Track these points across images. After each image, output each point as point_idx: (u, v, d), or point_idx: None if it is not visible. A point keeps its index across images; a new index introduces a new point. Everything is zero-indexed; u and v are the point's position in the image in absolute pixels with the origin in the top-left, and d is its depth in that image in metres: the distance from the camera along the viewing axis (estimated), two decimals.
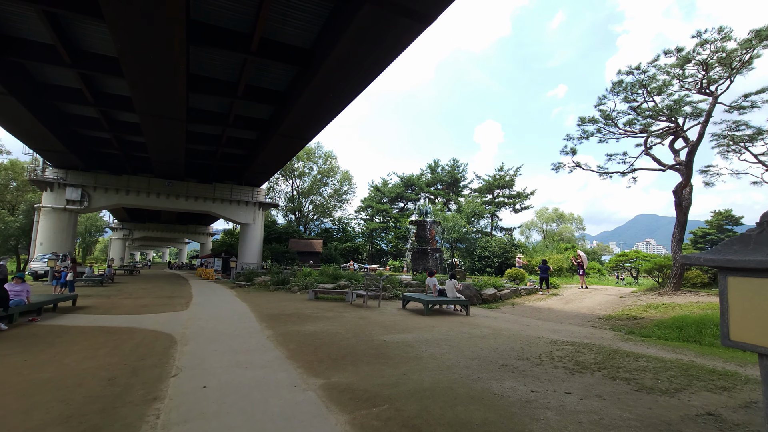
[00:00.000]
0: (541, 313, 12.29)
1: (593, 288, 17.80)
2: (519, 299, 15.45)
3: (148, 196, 33.70)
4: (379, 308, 11.99)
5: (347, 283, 16.00)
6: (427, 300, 10.75)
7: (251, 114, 24.56)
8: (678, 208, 14.76)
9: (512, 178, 41.22)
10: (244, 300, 14.04)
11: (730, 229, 52.39)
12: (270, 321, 9.23)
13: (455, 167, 45.21)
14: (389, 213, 42.64)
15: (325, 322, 9.05)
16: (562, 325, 9.90)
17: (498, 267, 26.46)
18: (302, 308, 11.64)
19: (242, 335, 7.46)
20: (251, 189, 37.58)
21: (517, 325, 9.40)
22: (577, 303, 14.11)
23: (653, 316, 10.63)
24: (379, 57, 14.63)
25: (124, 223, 67.88)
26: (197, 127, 26.34)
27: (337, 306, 12.38)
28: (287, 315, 10.18)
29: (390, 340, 7.06)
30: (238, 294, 16.51)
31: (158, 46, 13.63)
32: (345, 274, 18.08)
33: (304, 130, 22.95)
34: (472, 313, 11.36)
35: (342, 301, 13.81)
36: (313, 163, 46.81)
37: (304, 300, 14.00)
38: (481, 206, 34.33)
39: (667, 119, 15.40)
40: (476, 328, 8.72)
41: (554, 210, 78.58)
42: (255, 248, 36.67)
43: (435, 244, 23.48)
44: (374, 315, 10.47)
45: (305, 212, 48.22)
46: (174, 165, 30.86)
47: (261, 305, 12.44)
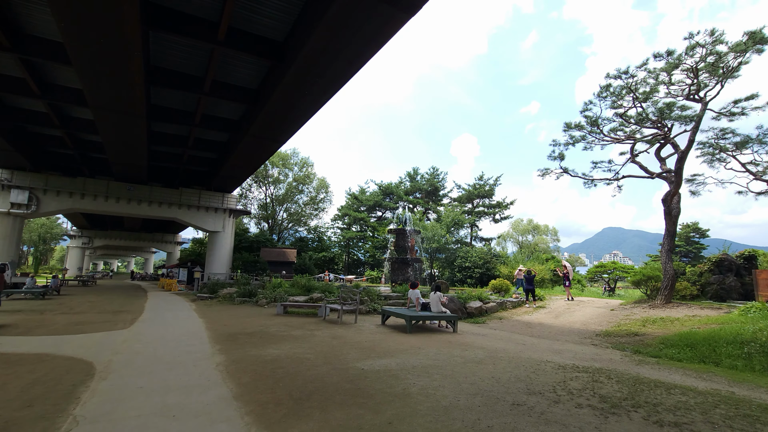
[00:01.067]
0: (533, 329, 11.28)
1: (579, 300, 17.06)
2: (506, 313, 14.44)
3: (106, 201, 31.15)
4: (355, 324, 10.66)
5: (320, 296, 14.58)
6: (411, 315, 9.53)
7: (220, 113, 22.95)
8: (667, 217, 14.25)
9: (492, 188, 40.88)
10: (203, 315, 12.40)
11: (697, 241, 53.95)
12: (226, 342, 7.75)
13: (435, 175, 44.50)
14: (367, 222, 41.29)
15: (291, 344, 7.65)
16: (560, 344, 8.87)
17: (479, 278, 25.60)
18: (267, 325, 10.17)
19: (185, 363, 6.00)
20: (221, 195, 35.56)
21: (512, 345, 8.29)
22: (567, 317, 13.23)
23: (654, 332, 9.78)
24: (359, 50, 13.55)
25: (84, 230, 63.57)
26: (161, 126, 24.46)
27: (309, 322, 10.97)
28: (248, 334, 8.71)
29: (369, 368, 5.77)
30: (198, 308, 14.78)
31: (107, 28, 12.07)
32: (318, 285, 16.65)
33: (277, 131, 21.55)
34: (459, 329, 10.21)
35: (314, 316, 12.39)
36: (289, 169, 45.07)
37: (271, 315, 12.49)
38: (461, 215, 33.64)
39: (654, 126, 14.99)
40: (468, 349, 7.54)
41: (529, 221, 79.51)
42: (224, 258, 34.52)
43: (415, 254, 22.36)
44: (350, 333, 9.14)
45: (279, 220, 46.20)
46: (136, 167, 28.66)
47: (220, 322, 10.87)
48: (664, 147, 15.40)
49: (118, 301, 17.37)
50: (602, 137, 16.29)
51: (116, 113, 18.53)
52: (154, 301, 18.31)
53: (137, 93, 16.59)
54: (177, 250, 67.60)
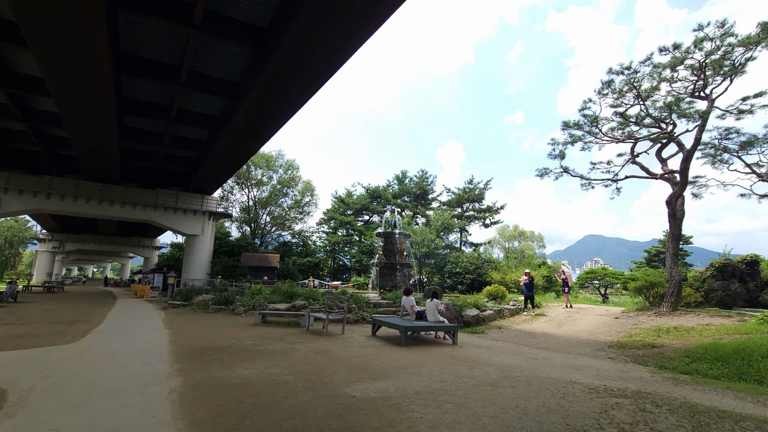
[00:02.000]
0: (538, 340, 10.30)
1: (578, 307, 16.24)
2: (504, 321, 13.47)
3: (75, 201, 29.16)
4: (342, 336, 9.49)
5: (304, 304, 13.34)
6: (406, 326, 8.42)
7: (199, 108, 21.57)
8: (672, 220, 13.56)
9: (482, 192, 40.18)
10: (170, 326, 11.02)
11: (681, 248, 54.47)
12: (188, 360, 6.50)
13: (424, 178, 43.51)
14: (353, 226, 39.95)
15: (268, 361, 6.45)
16: (573, 357, 7.89)
17: (470, 284, 24.65)
18: (242, 337, 8.91)
19: (130, 390, 4.75)
20: (201, 197, 33.87)
21: (523, 360, 7.26)
22: (570, 326, 12.32)
23: (672, 344, 8.91)
24: (346, 36, 12.53)
25: (54, 233, 60.39)
26: (135, 121, 22.92)
27: (290, 333, 9.74)
28: (217, 349, 7.45)
29: (362, 395, 4.64)
30: (167, 317, 13.34)
31: (65, 2, 10.74)
32: (302, 292, 15.39)
33: (260, 127, 20.29)
34: (459, 340, 9.13)
35: (296, 326, 11.16)
36: (273, 171, 43.47)
37: (248, 325, 11.20)
38: (450, 219, 32.78)
39: (656, 125, 14.37)
40: (476, 366, 6.47)
41: (515, 228, 79.45)
42: (202, 263, 32.77)
43: (404, 258, 21.28)
44: (337, 347, 7.97)
45: (262, 224, 44.47)
46: (107, 166, 26.89)
47: (188, 333, 9.55)
48: (666, 147, 14.79)
49: (79, 310, 15.73)
50: (601, 137, 15.62)
51: (82, 104, 17.01)
52: (120, 308, 16.72)
53: (105, 81, 15.17)
54: (155, 255, 64.90)
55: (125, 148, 26.51)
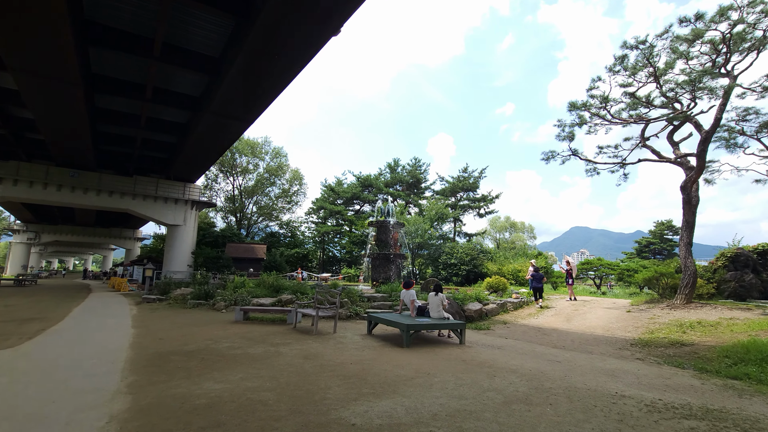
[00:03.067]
0: (550, 337, 9.35)
1: (582, 299, 15.42)
2: (508, 316, 12.52)
3: (45, 189, 27.24)
4: (334, 335, 8.37)
5: (291, 298, 12.17)
6: (408, 324, 7.33)
7: (177, 87, 19.95)
8: (686, 207, 12.71)
9: (476, 181, 39.17)
10: (139, 324, 9.76)
11: (670, 238, 54.60)
12: (147, 370, 5.31)
13: (417, 166, 42.07)
14: (344, 215, 38.55)
15: (245, 370, 5.30)
16: (599, 359, 6.91)
17: (465, 275, 23.77)
18: (219, 338, 7.72)
19: (54, 419, 3.56)
20: (182, 185, 32.16)
21: (547, 364, 6.25)
22: (580, 320, 11.43)
23: (703, 341, 8.03)
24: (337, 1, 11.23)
25: (29, 224, 57.74)
26: (107, 101, 21.18)
27: (274, 332, 8.59)
28: (186, 354, 6.27)
29: (365, 423, 3.53)
30: (139, 313, 12.05)
31: None
32: (289, 285, 14.20)
33: (242, 107, 18.85)
34: (465, 338, 8.08)
35: (282, 323, 10.01)
36: (259, 159, 41.70)
37: (228, 322, 10.00)
38: (445, 209, 31.76)
39: (670, 105, 13.44)
40: (496, 373, 5.42)
41: (506, 219, 79.14)
42: (185, 254, 31.23)
43: (398, 249, 20.20)
44: (329, 349, 6.85)
45: (248, 214, 42.79)
46: (79, 150, 25.09)
47: (157, 333, 8.32)
48: (678, 130, 13.91)
49: (42, 305, 14.29)
50: (609, 119, 14.64)
51: (42, 78, 15.35)
52: (90, 304, 15.33)
53: (66, 51, 13.57)
54: (137, 247, 62.75)
55: (99, 132, 24.73)
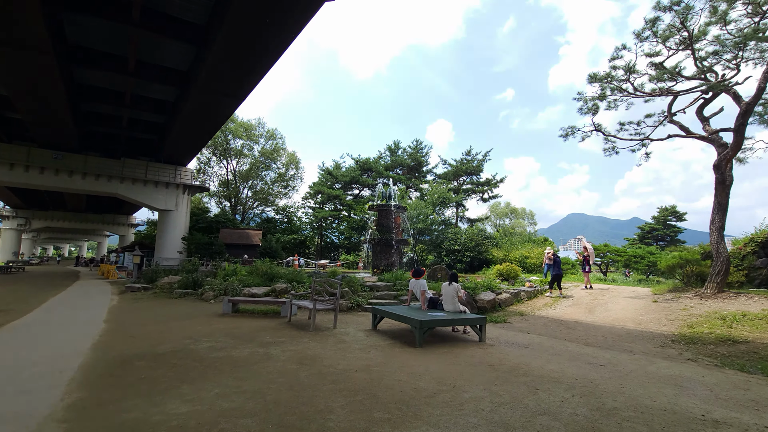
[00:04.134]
0: (576, 332, 8.32)
1: (599, 288, 14.44)
2: (523, 306, 11.51)
3: (27, 172, 25.83)
4: (334, 332, 7.32)
5: (286, 287, 11.09)
6: (422, 321, 6.26)
7: (163, 61, 18.49)
8: (720, 187, 11.60)
9: (480, 164, 37.80)
10: (114, 317, 8.68)
11: (673, 224, 53.78)
12: (101, 382, 4.22)
13: (418, 149, 40.49)
14: (342, 200, 37.26)
15: (223, 383, 4.22)
16: (646, 360, 5.88)
17: (470, 262, 22.77)
18: (200, 335, 6.65)
19: None
20: (173, 168, 30.77)
21: (590, 369, 5.20)
22: (604, 312, 10.42)
23: (758, 338, 7.01)
24: None
25: (19, 210, 56.28)
26: (87, 76, 19.71)
27: (266, 327, 7.53)
28: (155, 358, 5.18)
29: None
30: (119, 304, 10.97)
31: None
32: (284, 272, 13.10)
33: (233, 81, 17.45)
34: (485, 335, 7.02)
35: (276, 316, 8.95)
36: (254, 142, 40.13)
37: (214, 315, 8.93)
38: (447, 193, 30.58)
39: (702, 76, 12.21)
40: (537, 384, 4.37)
41: (507, 204, 78.24)
42: (177, 240, 30.06)
43: (401, 234, 19.11)
44: (329, 351, 5.79)
45: (243, 199, 41.45)
46: (61, 130, 23.66)
47: (131, 329, 7.24)
48: (709, 104, 12.72)
49: (18, 295, 13.18)
50: (634, 92, 13.41)
51: (8, 47, 13.90)
52: (70, 292, 14.24)
53: (28, 11, 12.13)
54: (130, 233, 61.48)
55: (82, 111, 23.29)
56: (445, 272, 12.66)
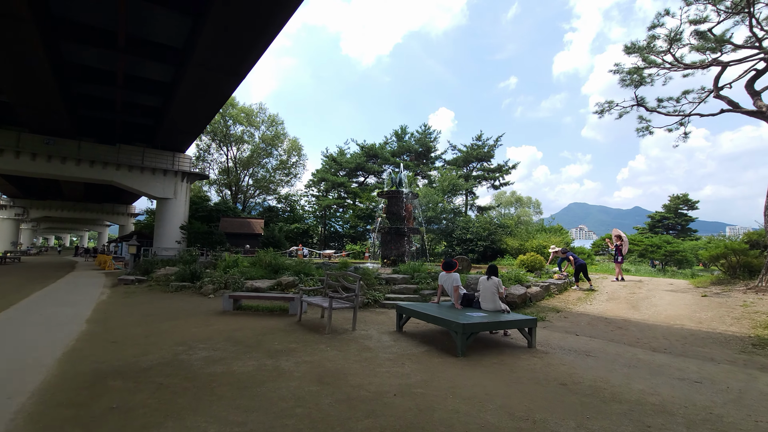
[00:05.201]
0: (630, 333, 7.22)
1: (630, 279, 13.35)
2: (555, 301, 10.41)
3: (17, 158, 24.65)
4: (354, 334, 6.22)
5: (293, 280, 9.98)
6: (465, 325, 5.13)
7: (156, 36, 17.13)
8: None
9: (491, 149, 36.30)
10: (98, 316, 7.60)
11: (685, 213, 52.52)
12: (57, 415, 3.12)
13: (426, 134, 38.80)
14: (347, 187, 35.96)
15: (221, 417, 3.11)
16: (745, 373, 4.78)
17: (482, 252, 21.68)
18: (195, 340, 5.55)
19: None
20: (171, 154, 29.54)
21: (687, 388, 4.10)
22: (649, 308, 9.31)
23: None
24: None
25: (16, 199, 55.19)
26: (77, 53, 18.36)
27: (273, 329, 6.43)
28: (137, 375, 4.08)
29: None
30: (108, 299, 9.90)
31: None
32: (290, 264, 11.99)
33: (232, 56, 16.15)
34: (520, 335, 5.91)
35: (284, 314, 7.86)
36: (255, 128, 38.69)
37: (213, 313, 7.85)
38: (458, 180, 29.29)
39: (756, 44, 10.90)
40: (642, 416, 3.26)
41: (512, 193, 77.00)
42: (176, 230, 28.98)
43: (412, 222, 17.97)
44: (353, 363, 4.69)
45: (244, 187, 40.21)
46: (51, 114, 22.40)
47: (114, 332, 6.15)
48: (762, 75, 11.42)
49: (4, 288, 12.12)
50: (675, 64, 12.11)
51: None
52: (59, 285, 13.18)
53: None
54: (130, 223, 60.51)
55: (72, 93, 21.98)
56: (468, 263, 11.55)
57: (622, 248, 13.17)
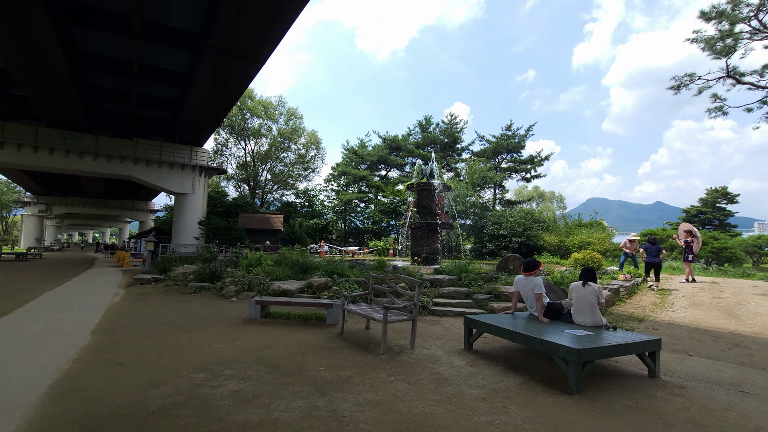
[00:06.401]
0: (751, 351, 5.76)
1: (703, 281, 11.74)
2: (628, 307, 8.95)
3: (36, 153, 24.25)
4: (415, 354, 4.96)
5: (325, 282, 8.75)
6: (581, 351, 3.79)
7: (170, 19, 16.14)
8: None
9: (522, 140, 34.31)
10: (106, 326, 6.54)
11: (723, 207, 49.54)
12: None
13: (453, 124, 36.92)
14: (369, 181, 34.57)
15: None
16: None
17: (517, 249, 20.15)
18: (221, 360, 4.37)
19: None
20: (189, 149, 28.86)
21: None
22: (751, 316, 7.77)
23: None
24: None
25: (39, 196, 55.97)
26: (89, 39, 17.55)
27: (313, 345, 5.22)
28: (145, 422, 2.89)
29: None
30: (121, 302, 8.90)
31: None
32: (319, 262, 10.77)
33: (251, 37, 15.02)
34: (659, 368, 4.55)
35: (320, 324, 6.66)
36: (273, 121, 37.75)
37: (238, 322, 6.70)
38: (489, 172, 27.60)
39: None
40: None
41: (534, 188, 74.66)
42: (194, 225, 28.31)
43: (445, 217, 16.60)
44: (432, 403, 3.42)
45: (262, 182, 39.36)
46: (66, 106, 21.79)
47: (122, 346, 5.04)
48: None
49: (14, 287, 11.33)
50: (758, 29, 10.39)
51: None
52: (72, 284, 12.33)
53: None
54: (150, 219, 60.78)
55: (87, 84, 21.31)
56: (519, 263, 10.15)
57: (693, 245, 11.52)
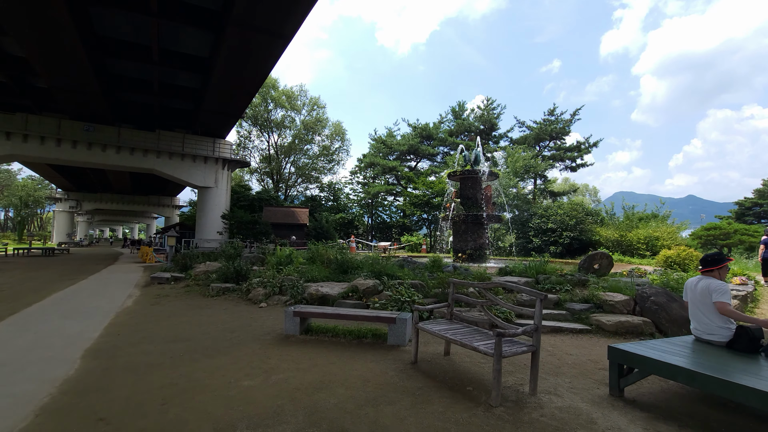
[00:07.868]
0: None
1: None
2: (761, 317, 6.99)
3: (59, 146, 23.66)
4: (542, 405, 3.27)
5: (372, 285, 7.10)
6: None
7: None
8: None
9: (566, 126, 31.76)
10: (110, 341, 5.14)
11: None
12: None
13: (490, 108, 34.58)
14: (400, 172, 32.60)
15: None
16: None
17: (568, 245, 18.11)
18: (253, 410, 2.80)
19: None
20: (212, 140, 27.86)
21: None
22: None
23: None
24: None
25: (70, 192, 57.03)
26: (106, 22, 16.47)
27: (381, 384, 3.61)
28: None
29: None
30: (134, 306, 7.58)
31: None
32: (362, 261, 9.06)
33: (276, 9, 13.51)
34: None
35: (379, 346, 5.05)
36: (296, 112, 36.45)
37: (270, 340, 5.17)
38: (533, 160, 25.41)
39: None
40: None
41: (565, 180, 71.18)
42: (218, 220, 27.36)
43: (492, 209, 14.78)
44: None
45: (285, 175, 38.21)
46: (87, 96, 20.97)
47: (118, 378, 3.54)
48: None
49: (29, 285, 10.28)
50: None
51: None
52: (88, 283, 11.21)
53: None
54: (175, 215, 61.11)
55: (107, 72, 20.39)
56: (608, 261, 8.25)
57: None
